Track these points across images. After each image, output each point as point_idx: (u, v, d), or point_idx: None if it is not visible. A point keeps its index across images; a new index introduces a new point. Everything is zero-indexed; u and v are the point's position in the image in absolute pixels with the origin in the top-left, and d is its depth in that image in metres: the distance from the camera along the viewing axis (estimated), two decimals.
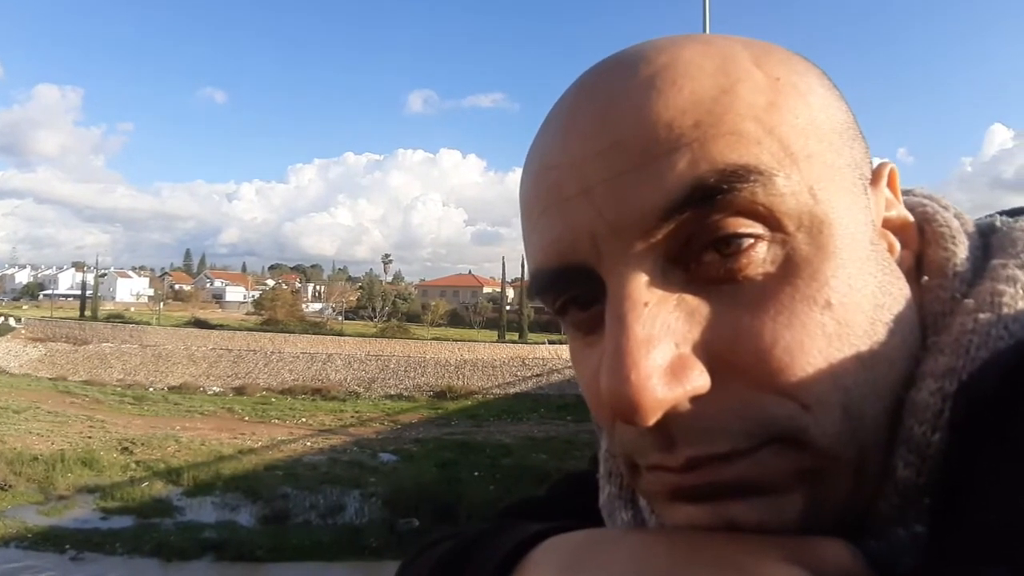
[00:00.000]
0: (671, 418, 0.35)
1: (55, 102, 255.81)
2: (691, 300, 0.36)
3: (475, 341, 38.51)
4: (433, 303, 59.47)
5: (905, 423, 0.36)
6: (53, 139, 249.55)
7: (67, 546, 14.19)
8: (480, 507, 15.67)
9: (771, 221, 0.35)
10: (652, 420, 0.34)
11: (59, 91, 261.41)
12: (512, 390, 32.79)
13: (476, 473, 19.55)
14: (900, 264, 0.41)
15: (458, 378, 33.71)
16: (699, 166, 0.35)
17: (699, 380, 0.35)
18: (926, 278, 0.42)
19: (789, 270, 0.36)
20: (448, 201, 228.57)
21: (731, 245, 0.35)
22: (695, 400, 0.35)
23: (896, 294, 0.39)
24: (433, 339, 39.23)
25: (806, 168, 0.36)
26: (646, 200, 0.36)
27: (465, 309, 55.66)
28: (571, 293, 0.41)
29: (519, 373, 33.92)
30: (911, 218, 0.44)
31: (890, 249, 0.41)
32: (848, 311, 0.36)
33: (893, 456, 0.37)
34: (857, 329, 0.36)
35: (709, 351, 0.36)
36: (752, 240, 0.35)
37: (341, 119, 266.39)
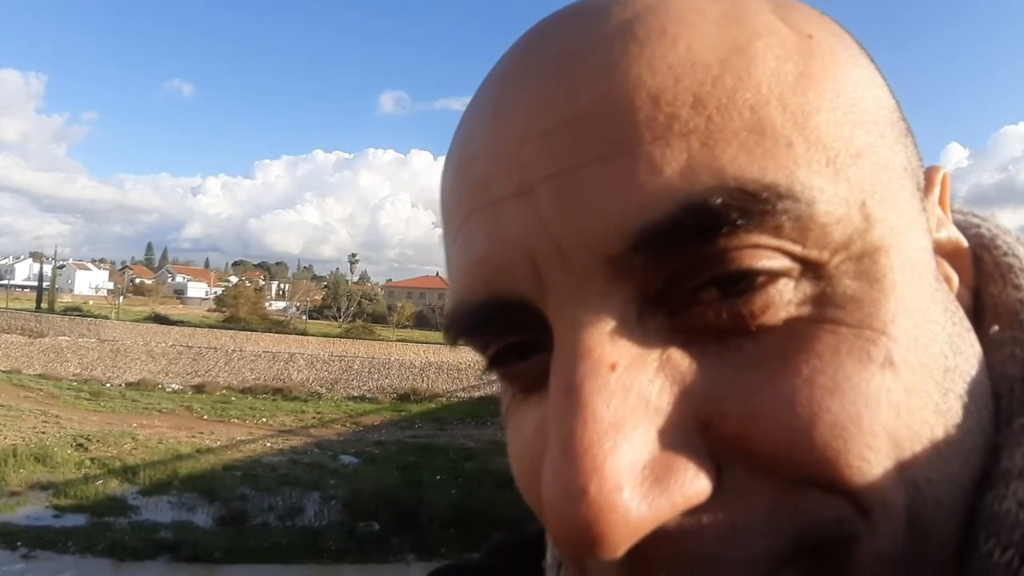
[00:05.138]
0: (652, 540, 0.24)
1: (17, 88, 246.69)
2: (681, 360, 0.26)
3: (440, 343, 38.28)
4: (399, 304, 59.15)
5: (981, 544, 0.26)
6: (13, 126, 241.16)
7: (19, 543, 13.90)
8: (441, 511, 15.74)
9: (802, 255, 0.25)
10: (620, 552, 0.24)
11: (22, 77, 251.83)
12: (477, 393, 32.77)
13: (438, 477, 19.51)
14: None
15: (422, 380, 33.60)
16: (697, 176, 0.24)
17: (694, 486, 0.24)
18: (996, 328, 0.31)
19: (828, 314, 0.25)
20: (417, 202, 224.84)
21: (740, 282, 0.25)
22: (691, 513, 0.24)
23: (968, 352, 0.28)
24: (398, 340, 39.04)
25: (855, 174, 0.26)
26: (612, 210, 0.25)
27: (432, 311, 55.42)
28: (503, 340, 0.30)
29: (484, 376, 33.83)
30: (965, 243, 0.33)
31: (947, 284, 0.31)
32: (916, 374, 0.25)
33: None
34: (929, 401, 0.26)
35: (712, 437, 0.25)
36: (772, 276, 0.25)
37: (311, 116, 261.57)
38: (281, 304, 70.17)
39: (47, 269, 60.42)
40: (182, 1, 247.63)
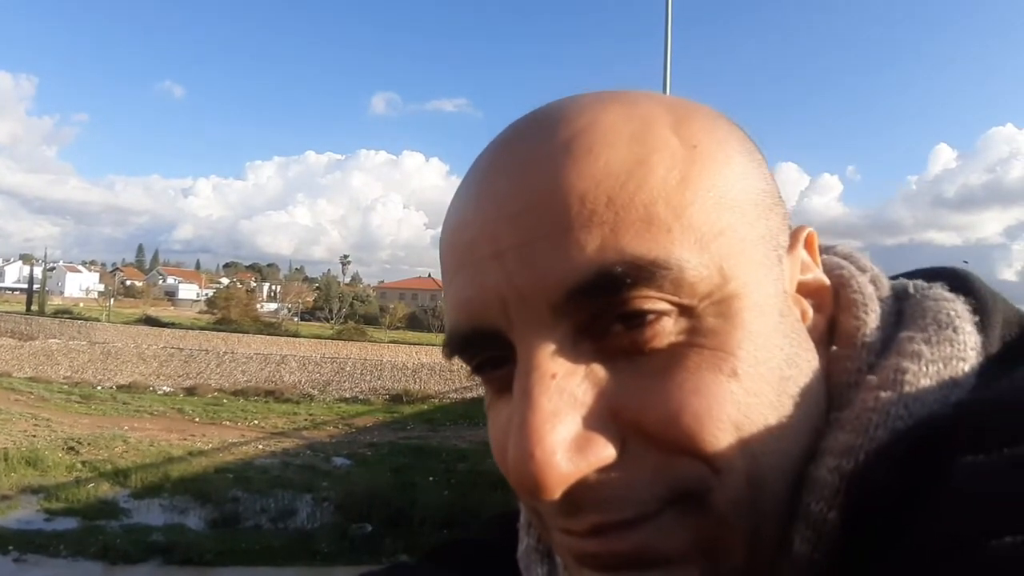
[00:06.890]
0: (577, 488, 0.35)
1: (7, 90, 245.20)
2: (599, 371, 0.36)
3: (433, 345, 38.28)
4: (392, 305, 59.02)
5: (803, 498, 0.37)
6: (3, 127, 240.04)
7: (10, 547, 13.79)
8: (434, 513, 15.72)
9: (678, 302, 0.36)
10: (556, 495, 0.35)
11: (12, 78, 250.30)
12: (469, 395, 32.71)
13: (431, 478, 19.49)
14: (813, 331, 0.42)
15: (415, 382, 33.58)
16: (607, 253, 0.35)
17: (604, 452, 0.35)
18: (835, 348, 0.42)
19: (695, 340, 0.36)
20: (409, 203, 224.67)
21: (636, 319, 0.35)
22: (602, 470, 0.35)
23: (804, 366, 0.39)
24: (391, 342, 39.00)
25: (716, 247, 0.36)
26: (554, 272, 0.35)
27: (424, 312, 55.24)
28: (484, 355, 0.41)
29: (473, 379, 33.83)
30: (827, 282, 0.44)
31: (803, 316, 0.42)
32: (755, 381, 0.36)
33: (790, 531, 0.37)
34: (765, 400, 0.36)
35: (619, 421, 0.36)
36: (658, 314, 0.35)
37: (303, 117, 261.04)
38: (273, 306, 69.84)
39: (37, 271, 60.17)
40: (173, 3, 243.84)
